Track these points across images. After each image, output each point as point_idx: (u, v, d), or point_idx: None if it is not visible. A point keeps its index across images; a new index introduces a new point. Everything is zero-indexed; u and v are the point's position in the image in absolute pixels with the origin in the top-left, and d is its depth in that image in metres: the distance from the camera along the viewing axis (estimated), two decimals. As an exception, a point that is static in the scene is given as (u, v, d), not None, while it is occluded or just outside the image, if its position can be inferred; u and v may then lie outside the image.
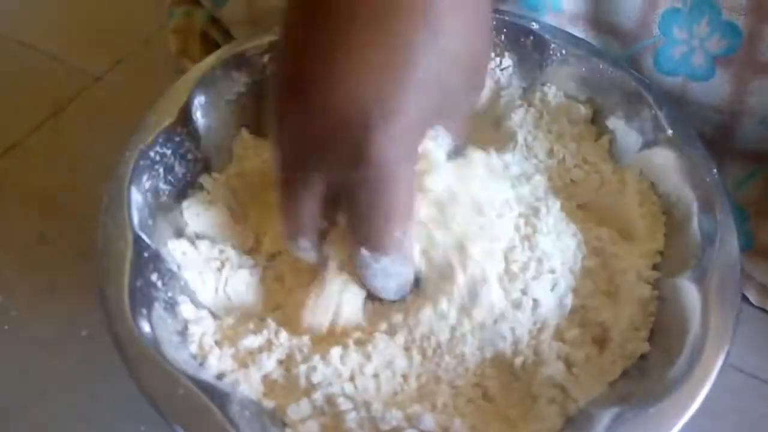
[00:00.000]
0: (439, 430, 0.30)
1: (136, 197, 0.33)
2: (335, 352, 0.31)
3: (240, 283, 0.35)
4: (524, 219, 0.34)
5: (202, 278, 0.34)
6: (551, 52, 0.38)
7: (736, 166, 0.40)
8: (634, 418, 0.28)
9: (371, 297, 0.33)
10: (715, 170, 0.33)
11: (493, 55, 0.39)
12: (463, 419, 0.30)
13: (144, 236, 0.32)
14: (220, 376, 0.31)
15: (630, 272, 0.33)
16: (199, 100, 0.37)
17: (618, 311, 0.32)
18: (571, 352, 0.31)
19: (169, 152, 0.35)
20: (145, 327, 0.30)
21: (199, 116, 0.37)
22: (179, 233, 0.35)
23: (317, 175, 0.29)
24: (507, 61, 0.39)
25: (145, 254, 0.32)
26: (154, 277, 0.32)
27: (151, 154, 0.35)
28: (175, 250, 0.34)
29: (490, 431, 0.30)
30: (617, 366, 0.31)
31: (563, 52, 0.38)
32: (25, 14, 0.58)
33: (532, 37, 0.39)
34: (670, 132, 0.35)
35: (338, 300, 0.32)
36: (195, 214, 0.36)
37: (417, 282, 0.33)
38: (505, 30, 0.39)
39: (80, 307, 0.41)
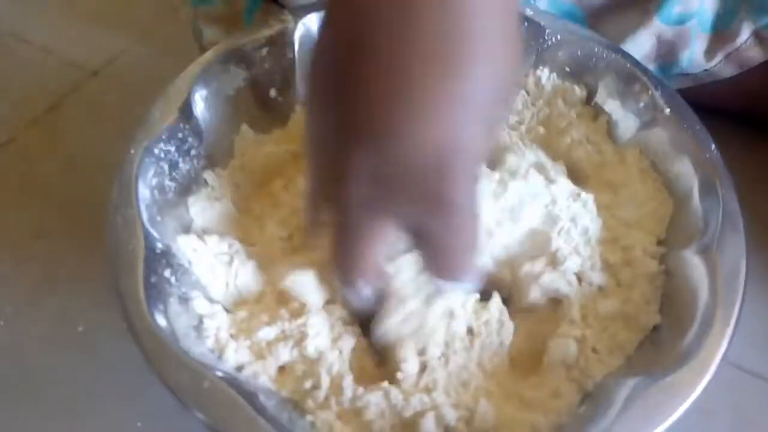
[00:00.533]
0: (462, 413, 0.30)
1: (144, 194, 0.33)
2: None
3: (250, 275, 0.35)
4: None
5: (212, 273, 0.34)
6: (546, 38, 0.39)
7: None
8: (651, 388, 0.28)
9: None
10: (714, 146, 0.34)
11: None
12: (486, 399, 0.30)
13: (154, 233, 0.32)
14: (239, 369, 0.31)
15: (636, 248, 0.34)
16: (200, 96, 0.37)
17: (628, 286, 0.33)
18: (585, 329, 0.32)
19: (173, 149, 0.35)
20: (163, 322, 0.30)
21: (200, 112, 0.37)
22: (186, 229, 0.35)
23: (387, 218, 0.28)
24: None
25: (157, 251, 0.32)
26: (167, 273, 0.32)
27: (156, 150, 0.34)
28: (185, 246, 0.34)
29: (508, 410, 0.31)
30: (632, 340, 0.32)
31: (558, 37, 0.39)
32: (20, 8, 0.57)
33: (526, 24, 0.39)
34: (667, 111, 0.35)
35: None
36: (201, 210, 0.36)
37: None
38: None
39: (77, 302, 0.40)
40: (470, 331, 0.32)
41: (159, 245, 0.32)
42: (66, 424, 0.37)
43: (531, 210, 0.34)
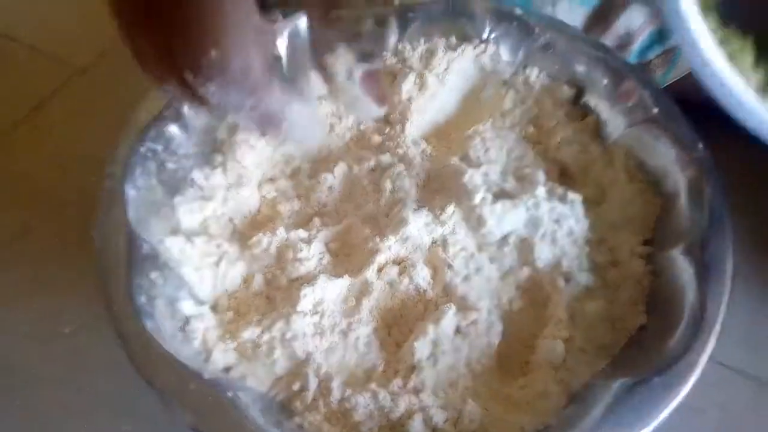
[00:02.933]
0: (450, 414, 0.30)
1: (131, 194, 0.33)
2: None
3: (237, 276, 0.35)
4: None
5: (199, 274, 0.34)
6: (535, 37, 0.39)
7: None
8: (638, 389, 0.28)
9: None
10: (702, 146, 0.34)
11: (478, 41, 0.39)
12: (474, 400, 0.30)
13: (141, 233, 0.32)
14: (226, 370, 0.31)
15: (623, 248, 0.34)
16: (188, 95, 0.36)
17: (615, 286, 0.33)
18: (573, 330, 0.32)
19: (160, 148, 0.35)
20: (150, 324, 0.29)
21: (188, 110, 0.36)
22: (174, 230, 0.35)
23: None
24: (492, 48, 0.40)
25: (143, 251, 0.32)
26: (154, 274, 0.32)
27: (143, 150, 0.34)
28: (172, 247, 0.34)
29: (496, 410, 0.31)
30: (618, 340, 0.32)
31: (547, 36, 0.39)
32: (8, 5, 0.57)
33: (516, 23, 0.39)
34: (655, 110, 0.35)
35: None
36: (188, 211, 0.36)
37: None
38: (490, 16, 0.39)
39: (63, 301, 0.40)
40: (458, 331, 0.32)
41: (146, 246, 0.32)
42: (52, 426, 0.37)
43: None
